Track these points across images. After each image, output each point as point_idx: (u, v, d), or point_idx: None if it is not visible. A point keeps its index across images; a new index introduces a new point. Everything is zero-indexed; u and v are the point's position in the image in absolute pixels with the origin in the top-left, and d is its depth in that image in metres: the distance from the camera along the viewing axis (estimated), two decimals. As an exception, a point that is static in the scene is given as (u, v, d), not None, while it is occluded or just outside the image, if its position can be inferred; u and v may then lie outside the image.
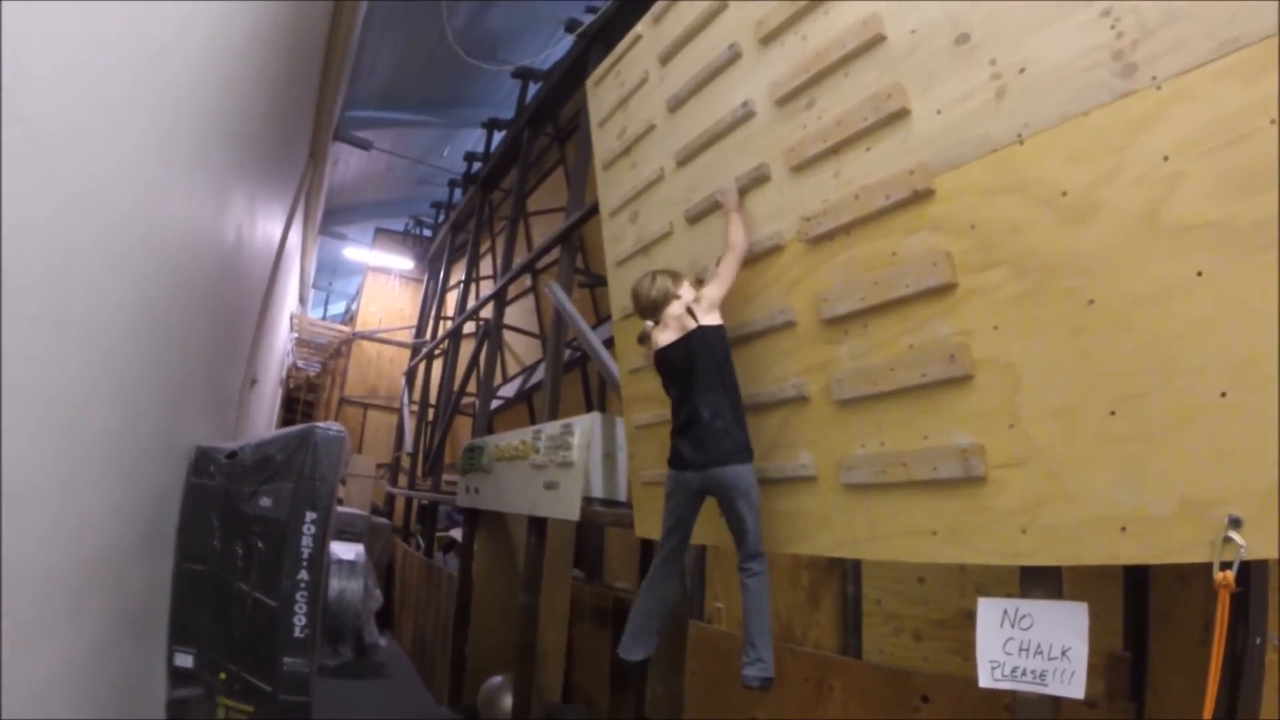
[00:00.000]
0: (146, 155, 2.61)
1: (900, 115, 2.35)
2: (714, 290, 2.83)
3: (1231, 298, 1.67)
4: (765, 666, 2.62)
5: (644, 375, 3.56)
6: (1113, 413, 1.85)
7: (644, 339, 3.00)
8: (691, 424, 2.77)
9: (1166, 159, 1.78)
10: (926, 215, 2.27)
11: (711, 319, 2.81)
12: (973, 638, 2.13)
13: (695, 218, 3.19)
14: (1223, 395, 1.68)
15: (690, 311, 2.82)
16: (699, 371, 2.77)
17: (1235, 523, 1.64)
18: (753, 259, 2.87)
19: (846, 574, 4.00)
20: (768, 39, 2.83)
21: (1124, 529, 1.82)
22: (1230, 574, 1.64)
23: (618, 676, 5.98)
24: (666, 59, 3.39)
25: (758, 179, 2.86)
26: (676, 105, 3.31)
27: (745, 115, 2.92)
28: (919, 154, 2.29)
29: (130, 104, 2.32)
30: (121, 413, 2.84)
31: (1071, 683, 1.94)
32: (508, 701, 5.55)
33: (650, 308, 2.96)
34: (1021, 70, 2.07)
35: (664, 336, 2.90)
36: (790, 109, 2.74)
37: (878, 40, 2.43)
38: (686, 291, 2.93)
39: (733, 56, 2.98)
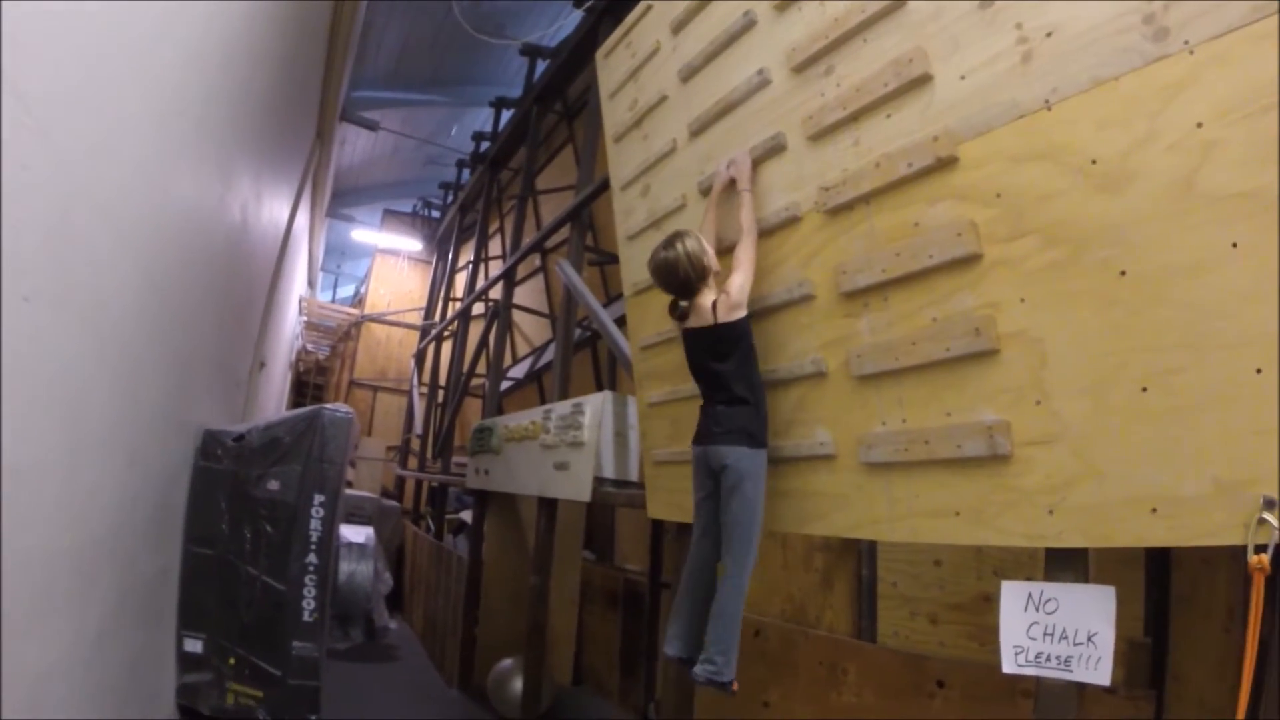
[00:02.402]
0: (146, 129, 2.56)
1: (923, 81, 2.26)
2: (739, 282, 2.67)
3: (1268, 270, 1.60)
4: (716, 670, 2.52)
5: (656, 352, 3.50)
6: (1144, 389, 1.78)
7: (678, 314, 2.84)
8: (708, 404, 2.75)
9: (1200, 126, 1.71)
10: (951, 184, 2.19)
11: (735, 315, 2.66)
12: (990, 622, 2.09)
13: (709, 189, 3.10)
14: (1258, 371, 1.61)
15: (713, 307, 2.68)
16: (721, 364, 2.69)
17: (1270, 504, 1.58)
18: (769, 231, 2.79)
19: (861, 556, 3.96)
20: (784, 4, 2.73)
21: (1155, 510, 1.76)
22: (1265, 557, 1.58)
23: (628, 659, 5.98)
24: (679, 28, 3.29)
25: (774, 149, 2.77)
26: (689, 75, 3.22)
27: (761, 83, 2.83)
28: (943, 120, 2.20)
29: (127, 76, 2.27)
30: (126, 393, 2.80)
31: (1098, 669, 1.89)
32: (518, 684, 5.54)
33: (682, 288, 2.79)
34: (1049, 34, 1.98)
35: (690, 320, 2.79)
36: (808, 76, 2.66)
37: (899, 4, 2.34)
38: (711, 286, 2.77)
39: (748, 24, 2.89)
